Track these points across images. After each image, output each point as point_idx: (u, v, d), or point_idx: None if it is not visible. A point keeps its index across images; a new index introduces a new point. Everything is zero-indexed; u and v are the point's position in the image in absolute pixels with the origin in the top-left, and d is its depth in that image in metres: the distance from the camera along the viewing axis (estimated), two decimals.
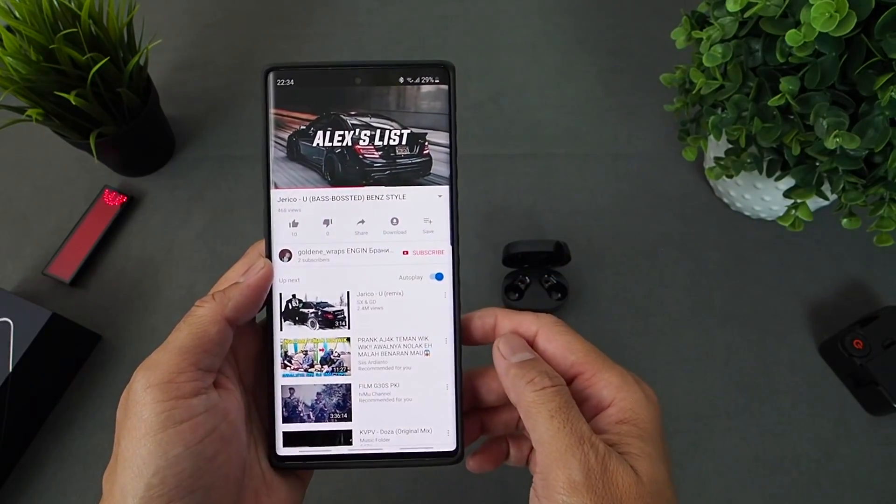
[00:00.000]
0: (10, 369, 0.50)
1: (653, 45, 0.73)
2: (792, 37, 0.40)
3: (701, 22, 0.52)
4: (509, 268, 0.59)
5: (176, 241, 0.64)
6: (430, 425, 0.31)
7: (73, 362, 0.57)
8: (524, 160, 0.68)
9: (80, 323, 0.56)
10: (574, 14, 0.78)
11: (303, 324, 0.31)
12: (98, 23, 0.55)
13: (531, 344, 0.31)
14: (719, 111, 0.50)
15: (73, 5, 0.54)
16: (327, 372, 0.31)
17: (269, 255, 0.31)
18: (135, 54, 0.58)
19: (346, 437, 0.31)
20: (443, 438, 0.31)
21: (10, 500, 0.52)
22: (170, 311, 0.60)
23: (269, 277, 0.30)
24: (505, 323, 0.31)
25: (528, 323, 0.31)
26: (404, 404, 0.31)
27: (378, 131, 0.31)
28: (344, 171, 0.31)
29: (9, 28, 0.51)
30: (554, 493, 0.25)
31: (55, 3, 0.53)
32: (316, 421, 0.31)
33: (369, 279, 0.31)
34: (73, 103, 0.53)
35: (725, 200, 0.64)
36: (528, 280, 0.58)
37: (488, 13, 0.79)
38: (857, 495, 0.51)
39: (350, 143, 0.31)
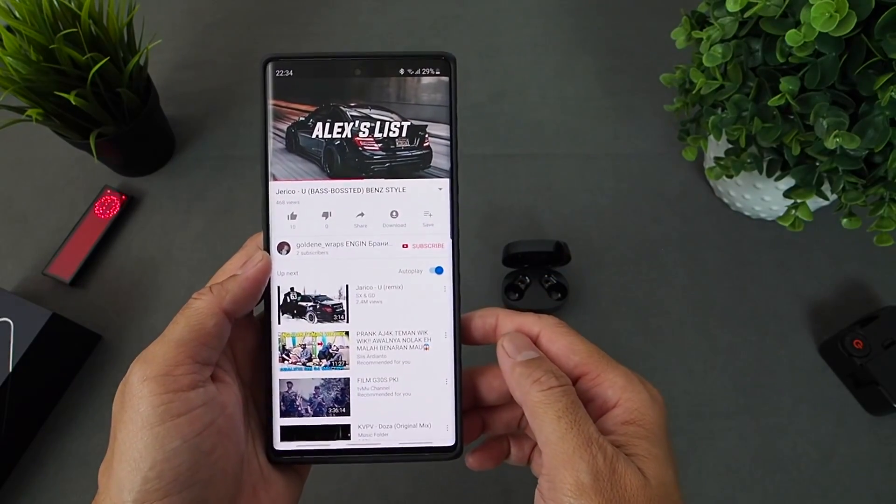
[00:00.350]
0: (10, 369, 0.50)
1: (653, 45, 0.74)
2: (792, 37, 0.40)
3: (701, 22, 0.52)
4: (509, 268, 0.59)
5: (176, 241, 0.64)
6: (429, 420, 0.31)
7: (73, 362, 0.57)
8: (524, 160, 0.68)
9: (80, 323, 0.56)
10: (574, 14, 0.78)
11: (301, 317, 0.31)
12: (98, 23, 0.55)
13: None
14: (719, 111, 0.50)
15: (73, 5, 0.54)
16: (325, 366, 0.31)
17: (267, 248, 0.31)
18: (135, 54, 0.59)
19: (344, 431, 0.31)
20: (442, 433, 0.31)
21: (10, 500, 0.52)
22: (170, 311, 0.59)
23: (267, 270, 0.30)
24: (506, 323, 0.31)
25: (530, 324, 0.31)
26: (403, 399, 0.31)
27: (378, 123, 0.31)
28: (343, 163, 0.31)
29: (9, 28, 0.52)
30: (561, 495, 0.25)
31: (55, 3, 0.53)
32: (314, 415, 0.31)
33: (368, 272, 0.31)
34: (73, 103, 0.53)
35: (725, 200, 0.63)
36: (528, 280, 0.58)
37: (488, 13, 0.79)
38: (857, 495, 0.51)
39: (349, 135, 0.31)
